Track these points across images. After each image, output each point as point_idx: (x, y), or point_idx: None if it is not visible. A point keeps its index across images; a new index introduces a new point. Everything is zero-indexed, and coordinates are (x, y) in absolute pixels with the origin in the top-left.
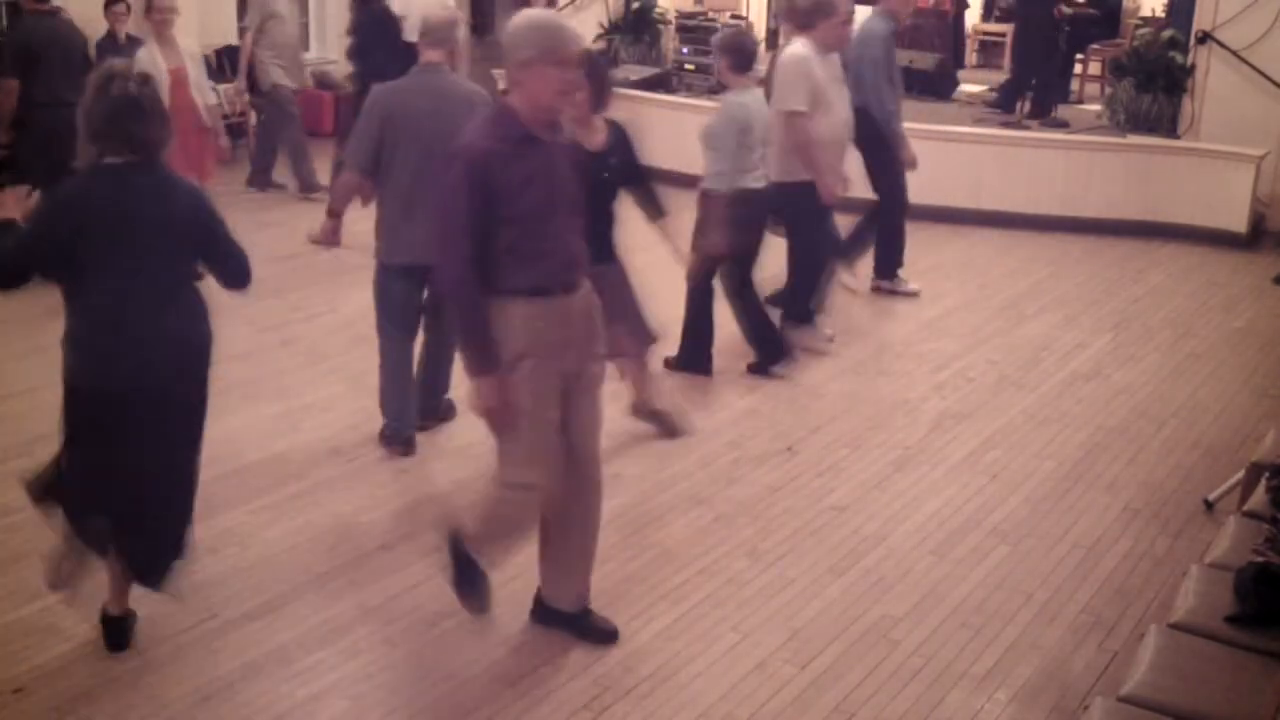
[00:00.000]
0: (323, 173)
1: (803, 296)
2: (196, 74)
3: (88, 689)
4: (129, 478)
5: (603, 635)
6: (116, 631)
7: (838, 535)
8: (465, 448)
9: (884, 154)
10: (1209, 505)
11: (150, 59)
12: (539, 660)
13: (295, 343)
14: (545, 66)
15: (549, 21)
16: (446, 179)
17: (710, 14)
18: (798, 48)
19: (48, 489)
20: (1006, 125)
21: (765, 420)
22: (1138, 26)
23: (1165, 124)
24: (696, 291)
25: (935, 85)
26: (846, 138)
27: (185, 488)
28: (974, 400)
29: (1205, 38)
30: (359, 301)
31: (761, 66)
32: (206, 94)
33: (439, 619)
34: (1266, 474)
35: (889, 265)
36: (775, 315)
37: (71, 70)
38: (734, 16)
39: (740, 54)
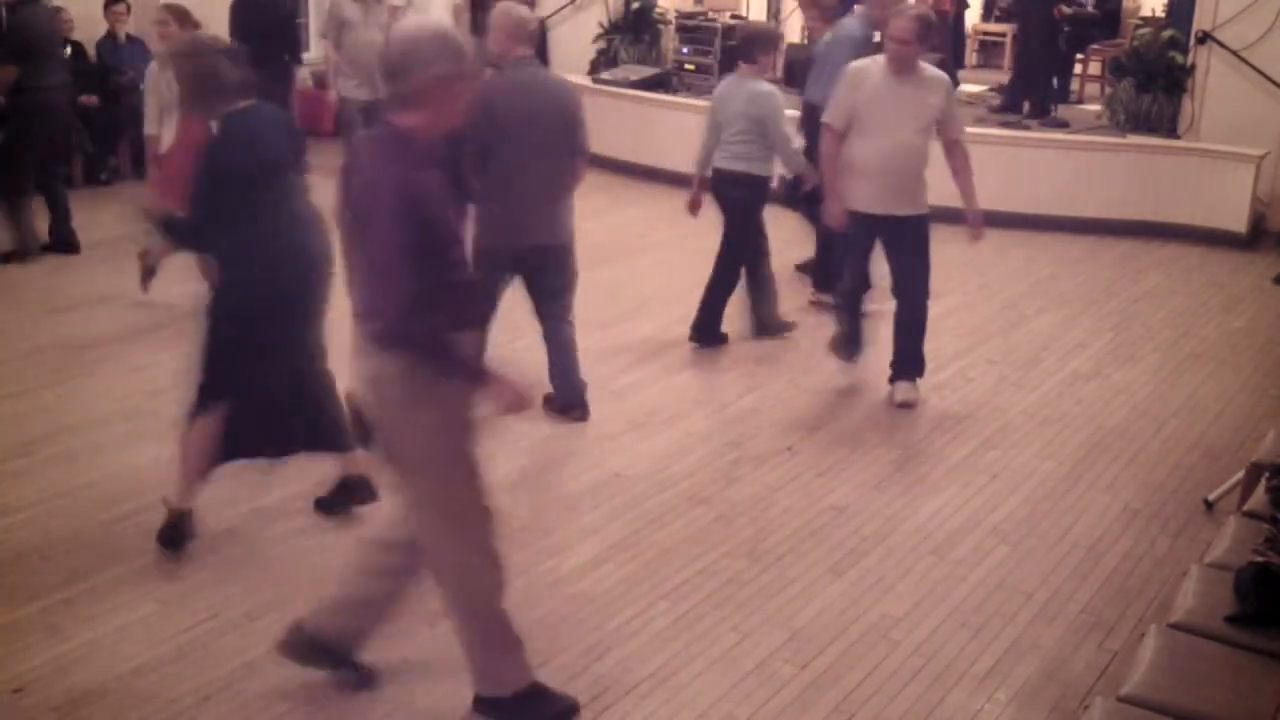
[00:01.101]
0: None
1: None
2: None
3: (88, 689)
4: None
5: None
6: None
7: (838, 535)
8: None
9: None
10: (1209, 505)
11: (158, 73)
12: (539, 660)
13: None
14: (459, 81)
15: (450, 31)
16: (378, 217)
17: (710, 14)
18: (862, 60)
19: None
20: (1006, 125)
21: (765, 420)
22: (1138, 26)
23: (1165, 124)
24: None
25: None
26: (897, 168)
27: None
28: (974, 400)
29: (1205, 38)
30: None
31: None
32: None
33: (439, 619)
34: (1266, 474)
35: (828, 276)
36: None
37: (55, 56)
38: (734, 16)
39: (739, 45)
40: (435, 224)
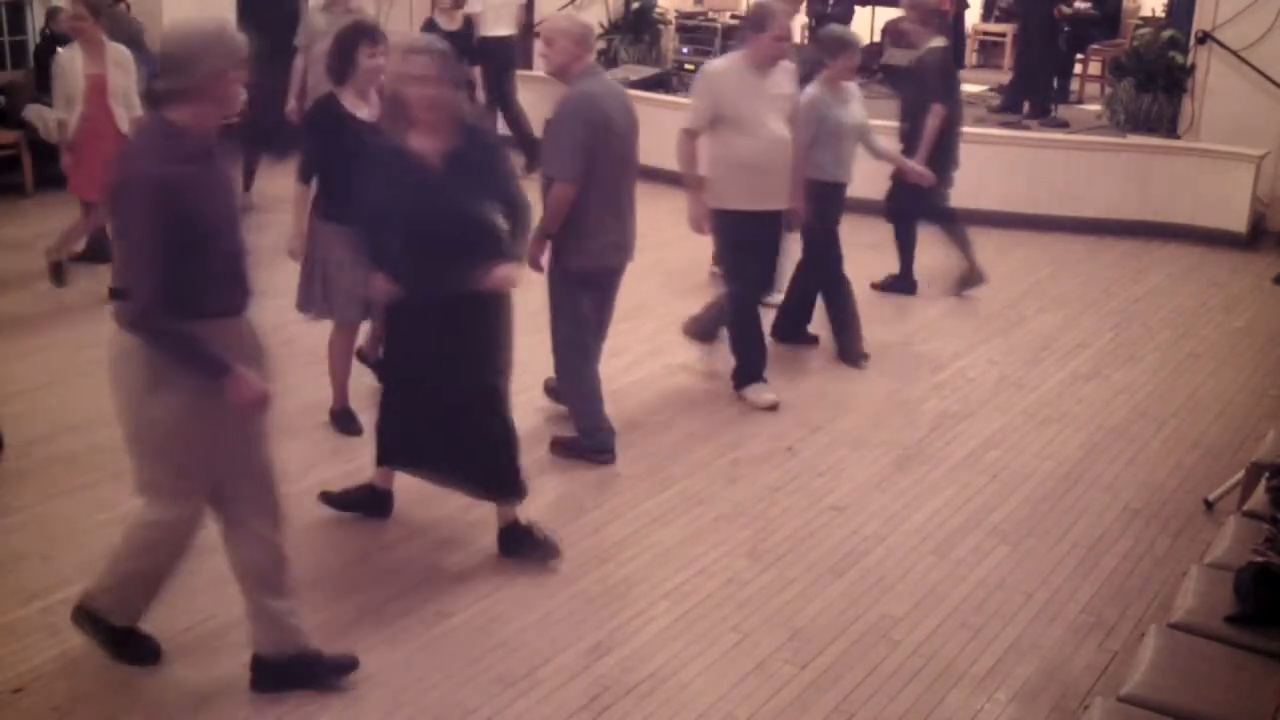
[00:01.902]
0: None
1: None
2: (124, 83)
3: (88, 689)
4: None
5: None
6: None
7: (838, 535)
8: None
9: None
10: (1209, 505)
11: (69, 60)
12: (539, 660)
13: (295, 342)
14: (233, 74)
15: (222, 27)
16: (132, 208)
17: (710, 14)
18: (716, 61)
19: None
20: (1006, 125)
21: (765, 420)
22: (1138, 26)
23: (1165, 124)
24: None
25: None
26: (778, 162)
27: None
28: (974, 400)
29: (1205, 38)
30: None
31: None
32: (133, 105)
33: (439, 619)
34: (1266, 474)
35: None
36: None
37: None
38: (734, 16)
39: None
40: (194, 218)
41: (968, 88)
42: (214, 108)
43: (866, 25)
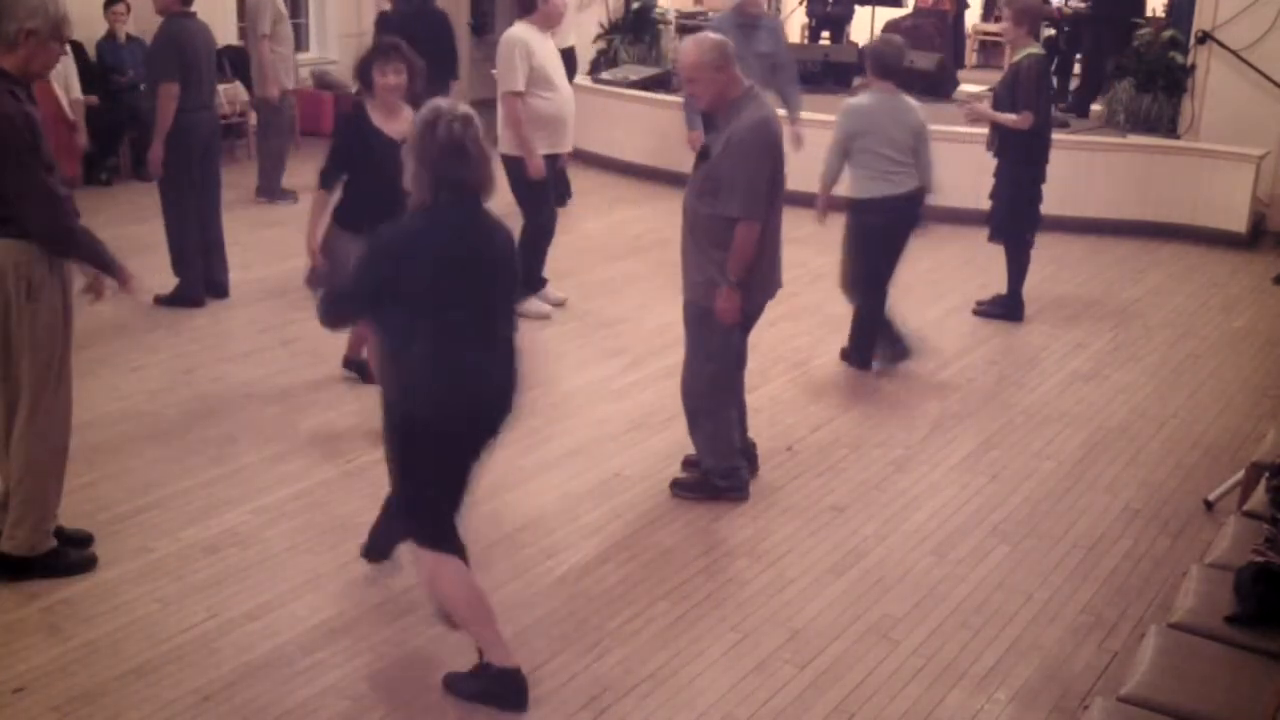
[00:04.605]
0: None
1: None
2: (63, 66)
3: (88, 689)
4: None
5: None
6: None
7: (838, 535)
8: None
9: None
10: (1209, 505)
11: None
12: (539, 660)
13: (295, 343)
14: (50, 40)
15: None
16: (14, 144)
17: (710, 14)
18: (515, 29)
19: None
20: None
21: (765, 420)
22: (1138, 27)
23: (1165, 124)
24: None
25: (935, 85)
26: (571, 113)
27: None
28: (974, 400)
29: (1205, 38)
30: None
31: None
32: (73, 88)
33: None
34: (1266, 474)
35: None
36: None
37: (202, 78)
38: None
39: (876, 59)
40: (45, 149)
41: (967, 87)
42: (25, 62)
43: (866, 25)
